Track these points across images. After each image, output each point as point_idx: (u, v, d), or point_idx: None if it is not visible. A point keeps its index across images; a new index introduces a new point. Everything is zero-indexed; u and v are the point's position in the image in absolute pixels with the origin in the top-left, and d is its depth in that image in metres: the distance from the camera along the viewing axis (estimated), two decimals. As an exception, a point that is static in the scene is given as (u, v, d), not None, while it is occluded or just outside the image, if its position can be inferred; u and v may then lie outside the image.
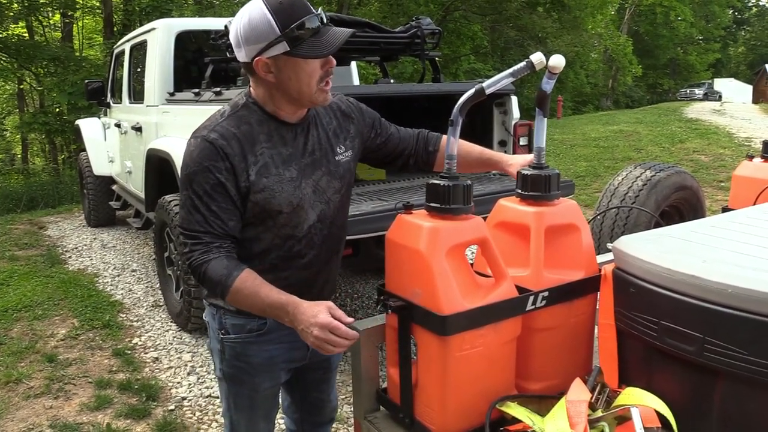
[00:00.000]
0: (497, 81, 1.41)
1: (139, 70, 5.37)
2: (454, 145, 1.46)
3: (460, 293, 1.40)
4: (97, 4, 16.60)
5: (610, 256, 1.75)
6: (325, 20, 1.56)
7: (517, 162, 1.81)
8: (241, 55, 1.55)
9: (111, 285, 5.20)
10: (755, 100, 33.13)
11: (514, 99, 4.06)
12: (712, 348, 1.36)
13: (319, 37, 1.52)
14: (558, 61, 1.42)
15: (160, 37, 4.77)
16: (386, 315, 1.55)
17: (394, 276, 1.52)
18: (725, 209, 2.41)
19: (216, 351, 1.82)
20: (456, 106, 1.44)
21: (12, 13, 14.08)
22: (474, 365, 1.44)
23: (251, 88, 1.66)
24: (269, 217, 1.64)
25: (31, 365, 3.68)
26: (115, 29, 14.79)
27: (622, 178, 3.18)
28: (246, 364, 1.78)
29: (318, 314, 1.47)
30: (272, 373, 1.82)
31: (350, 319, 1.50)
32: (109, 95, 6.57)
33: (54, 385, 3.45)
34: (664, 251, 1.52)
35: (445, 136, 1.84)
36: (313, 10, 1.54)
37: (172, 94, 4.65)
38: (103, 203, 6.99)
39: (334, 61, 1.60)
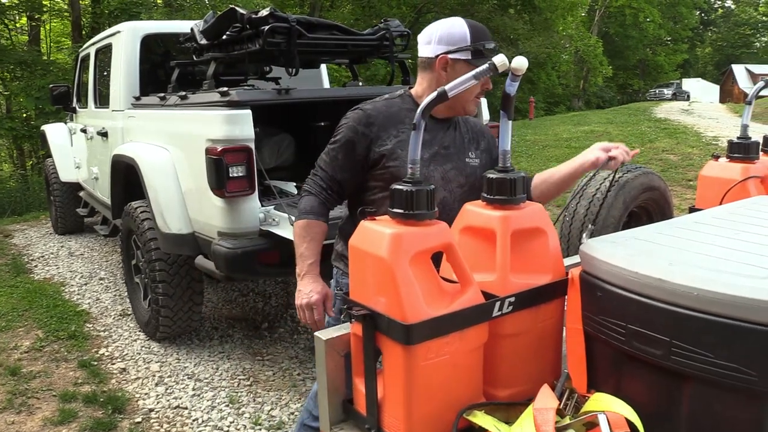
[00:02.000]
0: (460, 83, 1.38)
1: (104, 74, 5.26)
2: (418, 148, 1.43)
3: (425, 301, 1.37)
4: (65, 6, 16.29)
5: (577, 258, 1.74)
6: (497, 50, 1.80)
7: (586, 157, 1.91)
8: (427, 51, 1.92)
9: (78, 294, 5.08)
10: (722, 100, 33.77)
11: (483, 101, 4.05)
12: (678, 351, 1.34)
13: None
14: (520, 62, 1.40)
15: (125, 41, 4.67)
16: (350, 324, 1.52)
17: (357, 284, 1.48)
18: (692, 209, 2.41)
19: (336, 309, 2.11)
20: (418, 109, 1.40)
21: (-24, 17, 13.76)
22: (440, 374, 1.41)
23: (413, 87, 2.05)
24: (385, 175, 1.96)
25: (-8, 379, 3.58)
26: (84, 32, 14.54)
27: (590, 179, 3.18)
28: None
29: (312, 296, 1.97)
30: None
31: (322, 324, 1.96)
32: (75, 100, 6.43)
33: (17, 400, 3.35)
34: (630, 254, 1.50)
35: (536, 176, 2.06)
36: (493, 40, 1.93)
37: (137, 99, 4.56)
38: (70, 210, 6.84)
39: (491, 85, 1.94)
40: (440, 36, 1.91)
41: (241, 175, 3.04)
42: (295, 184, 3.96)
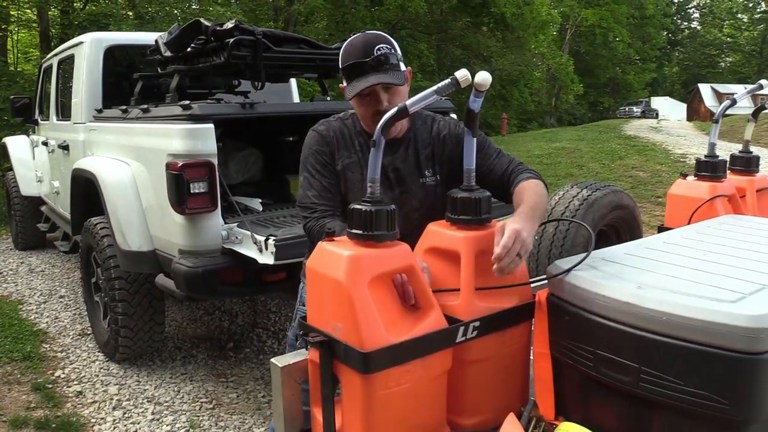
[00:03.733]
0: (421, 99, 1.33)
1: (67, 85, 5.12)
2: (377, 167, 1.37)
3: (384, 326, 1.30)
4: (34, 17, 16.01)
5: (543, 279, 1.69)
6: (376, 66, 1.72)
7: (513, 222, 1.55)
8: None
9: (36, 312, 4.90)
10: (689, 118, 34.47)
11: (453, 117, 4.01)
12: (648, 378, 1.30)
13: (359, 81, 1.73)
14: (483, 78, 1.35)
15: (87, 52, 4.55)
16: (307, 350, 1.44)
17: (314, 308, 1.41)
18: (661, 228, 2.39)
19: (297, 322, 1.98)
20: (378, 125, 1.34)
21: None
22: (401, 404, 1.34)
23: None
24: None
25: (-61, 404, 3.40)
26: (52, 44, 14.27)
27: (560, 198, 3.15)
28: None
29: None
30: None
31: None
32: (37, 112, 6.26)
33: (-36, 427, 3.19)
34: (598, 276, 1.45)
35: (524, 180, 1.80)
36: (375, 53, 1.73)
37: (99, 111, 4.43)
38: (31, 225, 6.63)
39: (384, 102, 1.75)
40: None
41: (203, 191, 2.94)
42: (261, 200, 3.87)
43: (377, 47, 1.74)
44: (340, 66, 1.78)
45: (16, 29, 17.16)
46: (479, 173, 1.77)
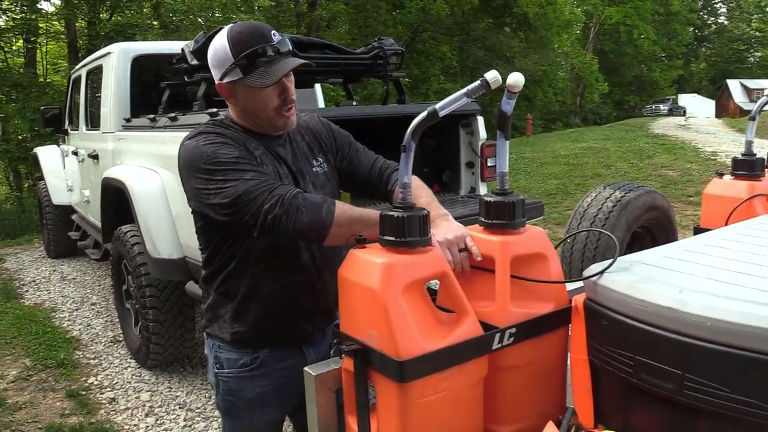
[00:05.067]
0: (451, 102, 1.30)
1: (96, 95, 5.20)
2: (408, 172, 1.35)
3: (420, 334, 1.29)
4: (62, 29, 16.34)
5: (580, 283, 1.66)
6: (282, 50, 1.59)
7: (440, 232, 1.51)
8: (214, 77, 1.64)
9: (68, 320, 4.97)
10: (718, 115, 33.88)
11: (480, 119, 3.99)
12: (691, 385, 1.26)
13: (270, 66, 1.55)
14: (516, 79, 1.32)
15: (115, 62, 4.61)
16: (341, 359, 1.43)
17: (348, 316, 1.39)
18: (697, 229, 2.33)
19: (213, 384, 1.81)
20: (408, 130, 1.33)
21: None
22: (437, 412, 1.32)
23: (229, 111, 1.72)
24: None
25: (-24, 411, 3.46)
26: (80, 54, 14.55)
27: (592, 200, 3.10)
28: (238, 399, 1.77)
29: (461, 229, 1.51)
30: (264, 410, 1.79)
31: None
32: (66, 122, 6.37)
33: (0, 432, 3.24)
34: (637, 280, 1.42)
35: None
36: (274, 39, 1.58)
37: (128, 120, 4.49)
38: (62, 234, 6.74)
39: (292, 89, 1.62)
40: (210, 60, 1.62)
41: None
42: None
43: (272, 32, 1.60)
44: (233, 56, 1.54)
45: (44, 41, 17.53)
46: (348, 171, 1.86)
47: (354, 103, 4.68)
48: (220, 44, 1.58)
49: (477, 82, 1.29)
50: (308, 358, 1.73)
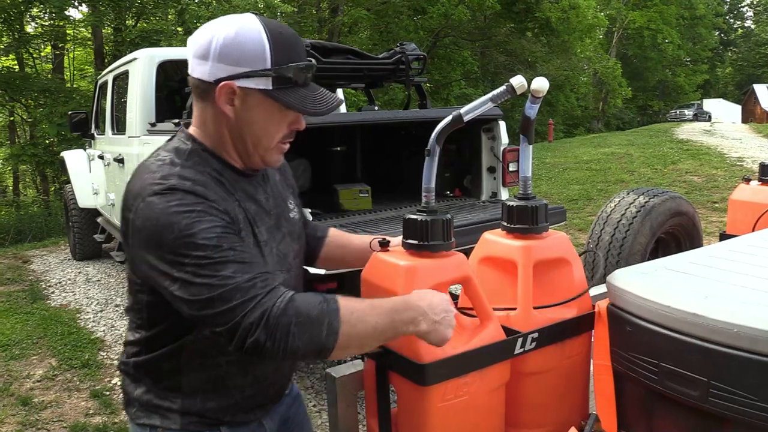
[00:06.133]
0: (476, 107, 1.31)
1: (122, 100, 5.28)
2: (432, 176, 1.35)
3: (442, 338, 1.29)
4: (88, 35, 16.62)
5: (603, 288, 1.64)
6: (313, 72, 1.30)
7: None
8: (202, 71, 1.20)
9: (93, 321, 5.04)
10: (744, 120, 33.39)
11: (502, 124, 3.98)
12: (717, 393, 1.24)
13: (309, 91, 1.25)
14: (541, 84, 1.32)
15: (141, 67, 4.68)
16: (363, 361, 1.43)
17: (370, 319, 1.40)
18: (723, 235, 2.30)
19: None
20: (432, 134, 1.33)
21: (2, 46, 14.06)
22: (459, 416, 1.32)
23: (194, 128, 1.28)
24: None
25: (4, 409, 3.52)
26: (106, 60, 14.78)
27: (615, 205, 3.07)
28: None
29: (438, 293, 1.25)
30: None
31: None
32: (93, 126, 6.47)
33: (26, 431, 3.29)
34: (661, 286, 1.41)
35: (332, 229, 1.61)
36: (308, 58, 1.28)
37: (153, 125, 4.55)
38: (88, 236, 6.85)
39: (304, 124, 1.31)
40: (224, 50, 1.19)
41: (255, 202, 2.98)
42: (310, 210, 3.90)
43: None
44: (271, 61, 1.19)
45: (72, 47, 17.85)
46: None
47: (376, 107, 4.70)
48: (251, 36, 1.19)
49: (502, 88, 1.29)
50: (267, 428, 1.43)
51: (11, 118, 17.10)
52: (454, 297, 1.41)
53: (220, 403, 1.33)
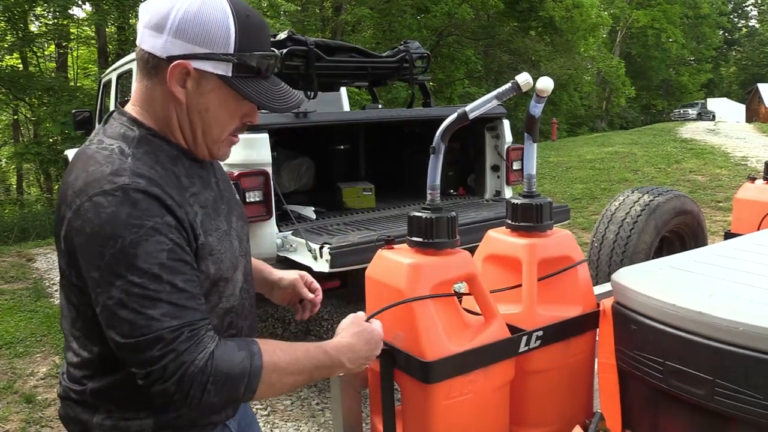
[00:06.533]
0: (481, 104, 1.30)
1: (125, 99, 5.28)
2: (437, 174, 1.35)
3: (446, 336, 1.29)
4: (92, 34, 16.66)
5: (608, 286, 1.64)
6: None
7: (286, 277, 1.48)
8: (153, 43, 1.08)
9: (97, 319, 5.05)
10: (749, 119, 33.29)
11: (506, 122, 3.97)
12: (723, 392, 1.24)
13: (270, 84, 1.16)
14: (545, 83, 1.32)
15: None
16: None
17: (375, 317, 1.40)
18: (728, 234, 2.30)
19: None
20: (437, 132, 1.33)
21: (6, 45, 14.09)
22: (463, 414, 1.32)
23: (137, 109, 1.14)
24: (214, 291, 1.17)
25: (8, 407, 3.52)
26: (110, 59, 14.82)
27: (620, 204, 3.06)
28: None
29: (374, 329, 1.25)
30: None
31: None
32: (97, 125, 6.48)
33: (30, 428, 3.29)
34: (666, 285, 1.40)
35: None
36: (273, 51, 1.18)
37: (157, 123, 4.55)
38: (91, 234, 6.85)
39: (258, 119, 1.22)
40: (183, 25, 1.07)
41: (258, 200, 2.98)
42: (314, 208, 3.91)
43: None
44: (235, 46, 1.09)
45: (75, 46, 17.90)
46: None
47: (379, 106, 4.70)
48: (215, 15, 1.08)
49: (508, 85, 1.29)
50: (231, 428, 1.32)
51: (15, 117, 17.16)
52: (458, 295, 1.41)
53: (192, 417, 1.19)
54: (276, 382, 1.10)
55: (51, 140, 14.46)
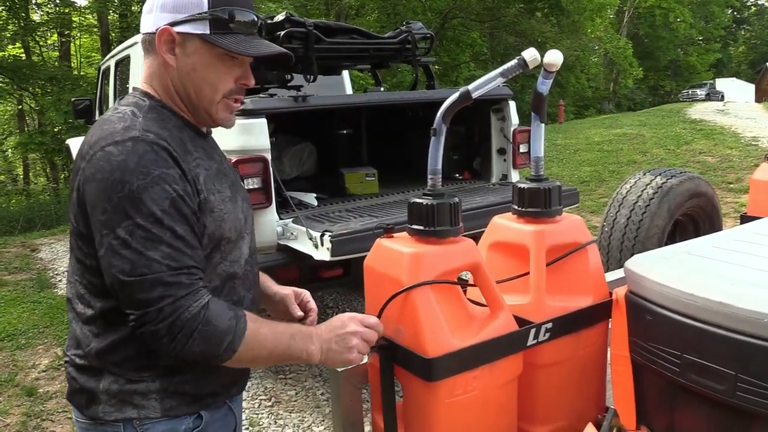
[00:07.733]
0: (485, 83, 1.22)
1: (125, 86, 5.20)
2: (438, 157, 1.27)
3: (449, 330, 1.21)
4: (94, 22, 16.55)
5: (620, 273, 1.56)
6: (261, 31, 1.32)
7: (280, 292, 1.48)
8: (147, 23, 1.22)
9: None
10: (758, 99, 32.85)
11: (512, 104, 3.87)
12: (746, 387, 1.16)
13: (250, 38, 1.23)
14: (554, 57, 1.23)
15: (142, 51, 4.59)
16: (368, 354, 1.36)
17: (374, 310, 1.32)
18: (744, 217, 2.20)
19: None
20: (438, 113, 1.24)
21: (9, 35, 14.02)
22: (468, 412, 1.25)
23: (145, 85, 1.25)
24: (216, 249, 1.23)
25: (9, 400, 3.49)
26: (113, 47, 14.71)
27: (631, 186, 2.96)
28: None
29: (347, 316, 1.24)
30: None
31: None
32: (97, 113, 6.41)
33: (31, 422, 3.25)
34: (684, 272, 1.32)
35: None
36: (253, 12, 1.26)
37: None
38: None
39: (253, 81, 1.29)
40: (164, 0, 1.21)
41: (257, 187, 2.90)
42: (315, 195, 3.83)
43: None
44: (208, 3, 1.19)
45: (78, 35, 17.80)
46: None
47: (382, 89, 4.59)
48: None
49: (513, 62, 1.20)
50: (236, 413, 1.36)
51: (20, 107, 17.11)
52: (463, 283, 1.33)
53: (198, 383, 1.24)
54: (256, 346, 1.16)
55: (55, 130, 14.41)
